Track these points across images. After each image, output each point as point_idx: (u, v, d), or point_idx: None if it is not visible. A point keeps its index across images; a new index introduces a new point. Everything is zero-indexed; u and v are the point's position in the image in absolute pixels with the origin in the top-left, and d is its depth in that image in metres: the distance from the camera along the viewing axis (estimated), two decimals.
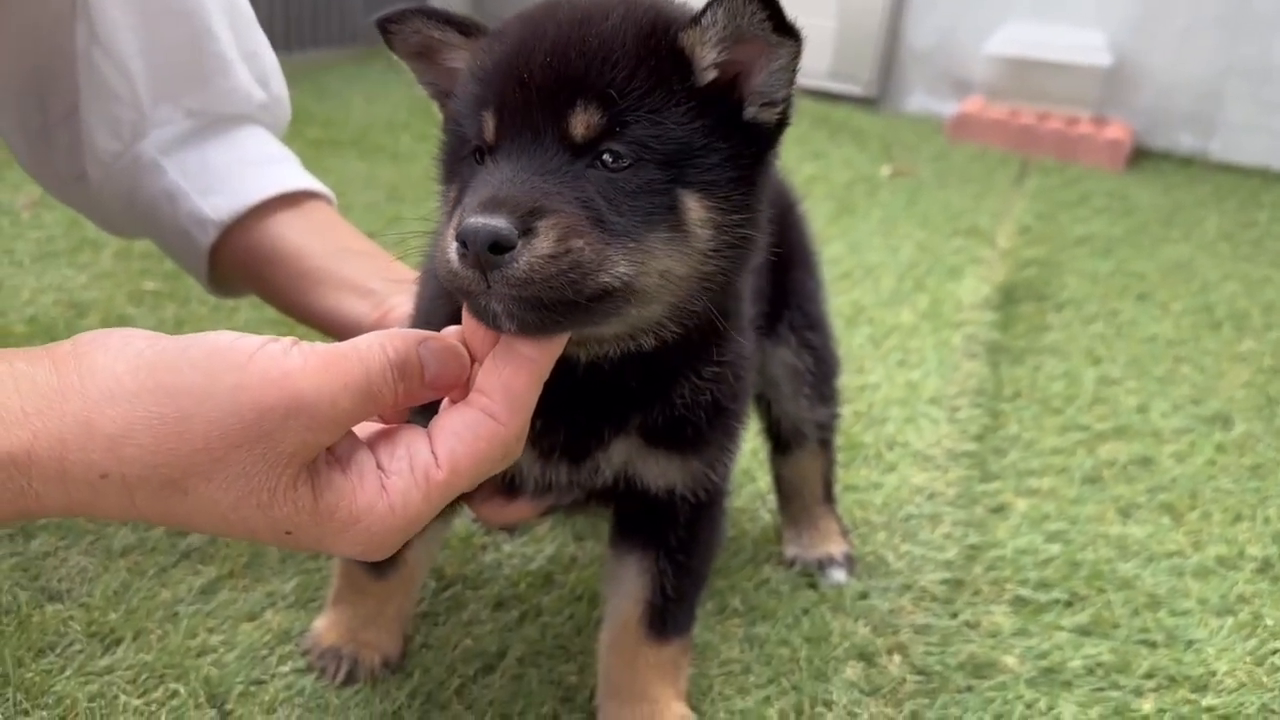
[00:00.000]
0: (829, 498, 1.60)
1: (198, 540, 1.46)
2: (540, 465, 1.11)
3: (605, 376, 1.03)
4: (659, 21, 0.93)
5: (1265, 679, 1.43)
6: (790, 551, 1.59)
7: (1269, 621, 1.56)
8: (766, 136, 0.98)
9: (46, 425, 0.75)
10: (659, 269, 0.90)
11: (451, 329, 0.91)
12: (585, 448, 1.09)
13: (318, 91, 4.22)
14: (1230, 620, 1.55)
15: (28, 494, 0.76)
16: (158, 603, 1.34)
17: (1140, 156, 4.43)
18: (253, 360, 0.77)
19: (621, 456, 1.11)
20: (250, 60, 1.49)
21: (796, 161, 3.89)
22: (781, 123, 0.99)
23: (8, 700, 1.15)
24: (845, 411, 2.03)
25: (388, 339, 0.84)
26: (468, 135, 0.95)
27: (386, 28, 1.02)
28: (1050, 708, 1.34)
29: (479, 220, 0.82)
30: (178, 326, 2.02)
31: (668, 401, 1.07)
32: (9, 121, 1.48)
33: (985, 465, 1.92)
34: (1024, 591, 1.57)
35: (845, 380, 2.15)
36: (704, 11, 0.91)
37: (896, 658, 1.39)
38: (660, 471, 1.13)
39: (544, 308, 0.84)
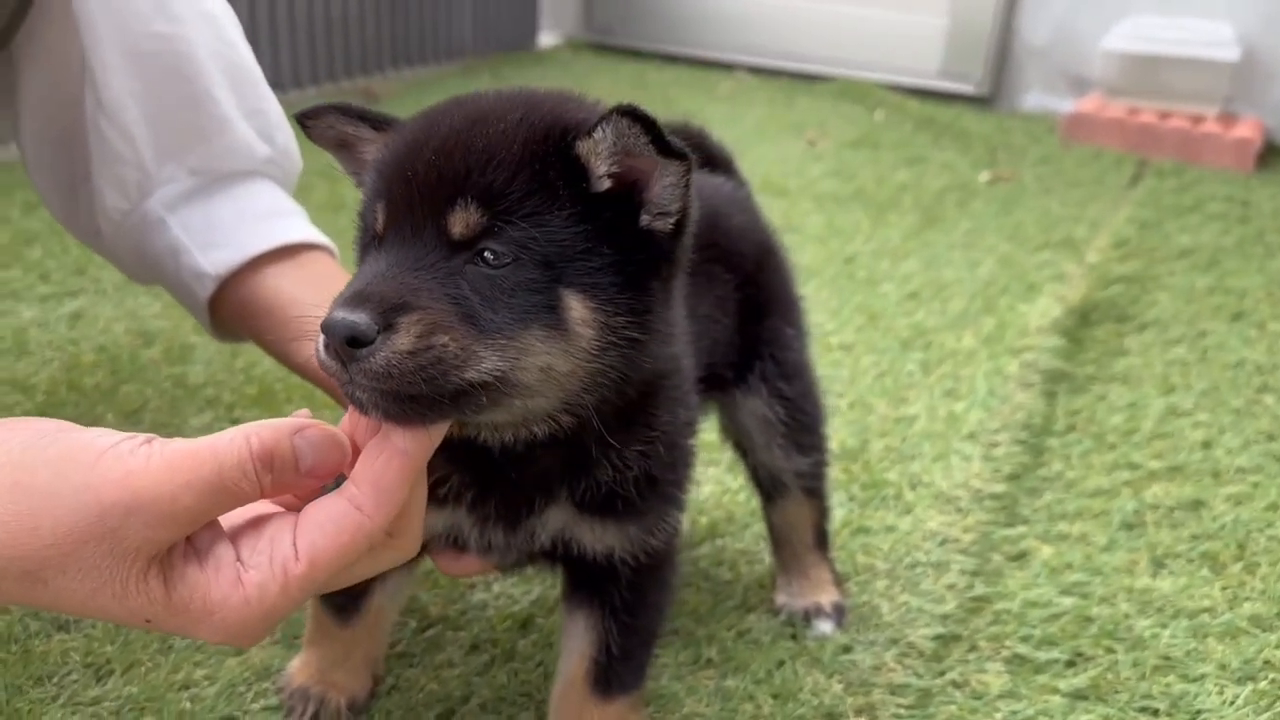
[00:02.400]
0: (821, 545, 1.58)
1: None
2: (478, 530, 1.14)
3: (520, 458, 1.05)
4: (555, 127, 0.95)
5: None
6: (780, 599, 1.57)
7: None
8: (662, 244, 0.99)
9: None
10: (538, 365, 0.92)
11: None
12: (516, 515, 1.12)
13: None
14: (1249, 689, 1.46)
15: None
16: (153, 637, 1.42)
17: (1271, 156, 4.15)
18: (100, 460, 0.82)
19: (557, 523, 1.13)
20: (253, 117, 1.56)
21: (890, 169, 3.80)
22: (678, 232, 0.99)
23: None
24: (876, 446, 2.00)
25: (254, 430, 0.87)
26: (368, 224, 0.99)
27: (304, 123, 1.07)
28: None
29: (339, 314, 0.85)
30: (233, 357, 2.14)
31: (592, 477, 1.09)
32: (46, 181, 1.60)
33: (1014, 508, 1.85)
34: (1023, 649, 1.51)
35: (884, 412, 2.13)
36: (595, 126, 0.92)
37: (863, 719, 1.36)
38: (596, 537, 1.14)
39: (406, 399, 0.87)
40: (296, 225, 1.56)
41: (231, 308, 1.51)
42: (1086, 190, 3.69)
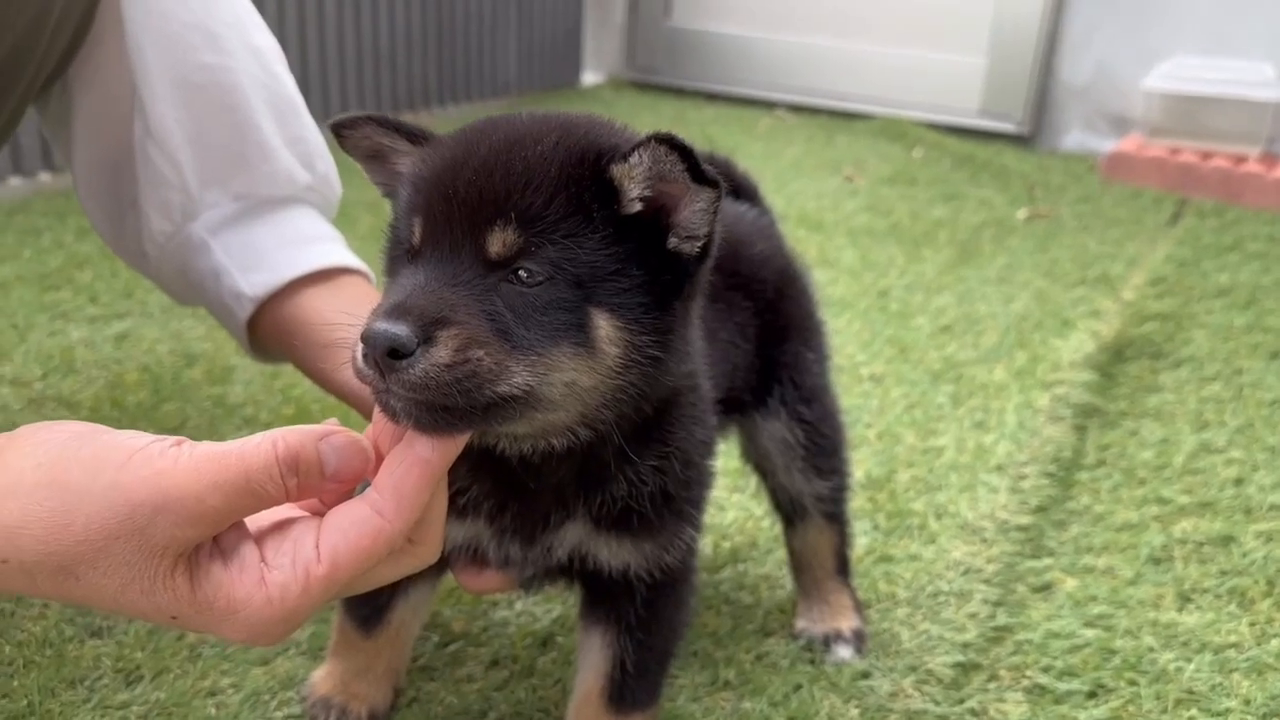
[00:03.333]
0: (842, 571, 1.59)
1: None
2: (496, 542, 1.17)
3: (538, 470, 1.08)
4: (589, 151, 0.99)
5: None
6: (800, 624, 1.58)
7: None
8: (687, 266, 1.02)
9: None
10: (564, 380, 0.96)
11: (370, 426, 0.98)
12: (533, 529, 1.15)
13: None
14: None
15: None
16: (183, 644, 1.46)
17: None
18: (131, 460, 0.86)
19: (574, 538, 1.16)
20: (295, 145, 1.62)
21: (926, 205, 3.81)
22: (703, 255, 1.03)
23: None
24: (903, 476, 2.01)
25: (281, 435, 0.91)
26: (401, 236, 1.02)
27: (340, 132, 1.11)
28: None
29: (381, 326, 0.89)
30: (272, 379, 2.19)
31: (607, 492, 1.11)
32: (95, 205, 1.67)
33: (1040, 540, 1.84)
34: (1044, 679, 1.51)
35: (912, 442, 2.13)
36: (632, 151, 0.96)
37: None
38: (612, 553, 1.17)
39: (439, 410, 0.90)
40: (334, 250, 1.61)
41: (269, 329, 1.56)
42: (1125, 229, 3.67)
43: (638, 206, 0.98)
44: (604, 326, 0.96)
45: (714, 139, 4.46)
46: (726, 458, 1.74)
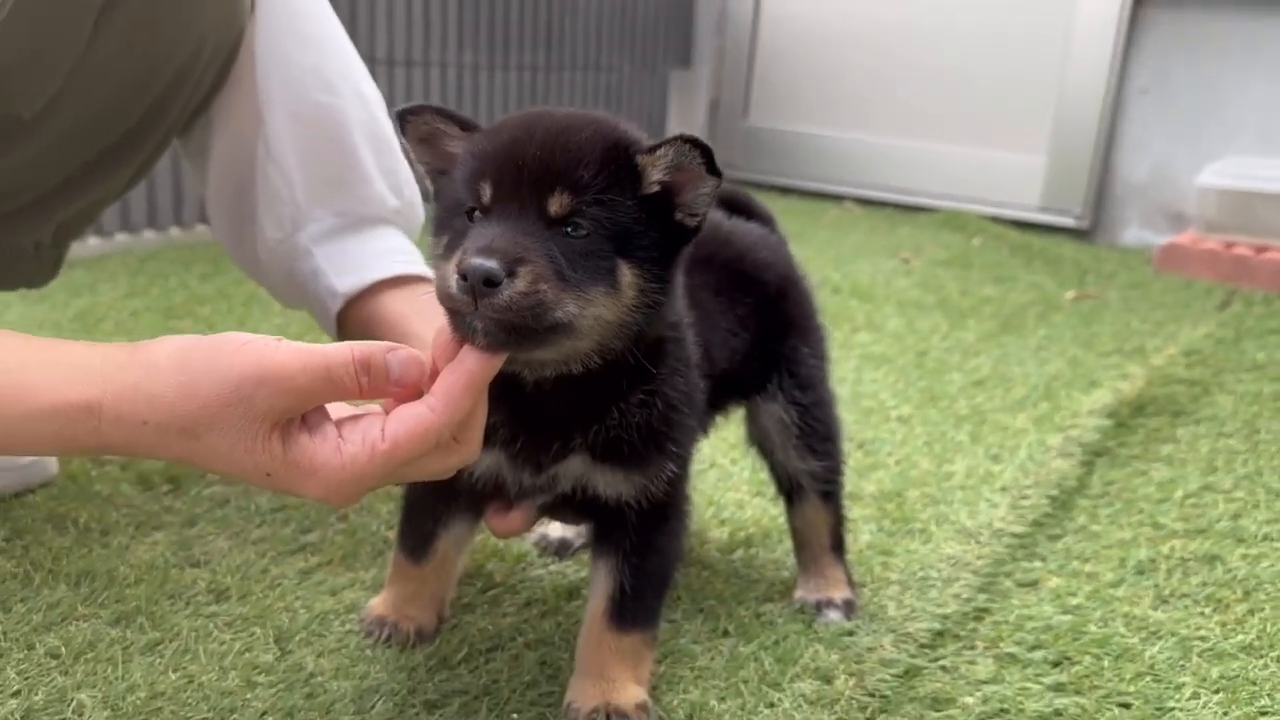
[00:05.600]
0: (837, 548, 1.79)
1: (314, 537, 1.87)
2: (512, 472, 1.42)
3: (548, 399, 1.34)
4: (620, 142, 1.28)
5: None
6: (797, 594, 1.78)
7: (1264, 702, 1.58)
8: (685, 236, 1.31)
9: (112, 384, 1.14)
10: (594, 313, 1.23)
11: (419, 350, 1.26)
12: (540, 459, 1.40)
13: None
14: (1223, 695, 1.59)
15: (99, 433, 1.14)
16: (268, 576, 1.73)
17: None
18: (241, 347, 1.13)
19: (577, 470, 1.41)
20: (388, 175, 1.94)
21: (977, 284, 4.02)
22: (697, 229, 1.32)
23: (138, 624, 1.57)
24: (913, 493, 2.20)
25: (358, 345, 1.18)
26: (462, 199, 1.30)
27: (405, 117, 1.40)
28: None
29: (479, 261, 1.15)
30: None
31: (603, 423, 1.36)
32: (222, 222, 2.00)
33: (1032, 547, 2.01)
34: (1014, 650, 1.67)
35: (926, 468, 2.33)
36: (659, 146, 1.26)
37: (851, 680, 1.55)
38: (608, 483, 1.41)
39: (511, 330, 1.17)
40: (412, 262, 1.91)
41: (355, 323, 1.86)
42: (1170, 311, 3.82)
43: (656, 188, 1.27)
44: (627, 274, 1.24)
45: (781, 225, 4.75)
46: (749, 469, 1.98)
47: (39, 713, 1.38)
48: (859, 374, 2.96)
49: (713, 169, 1.25)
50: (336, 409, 1.23)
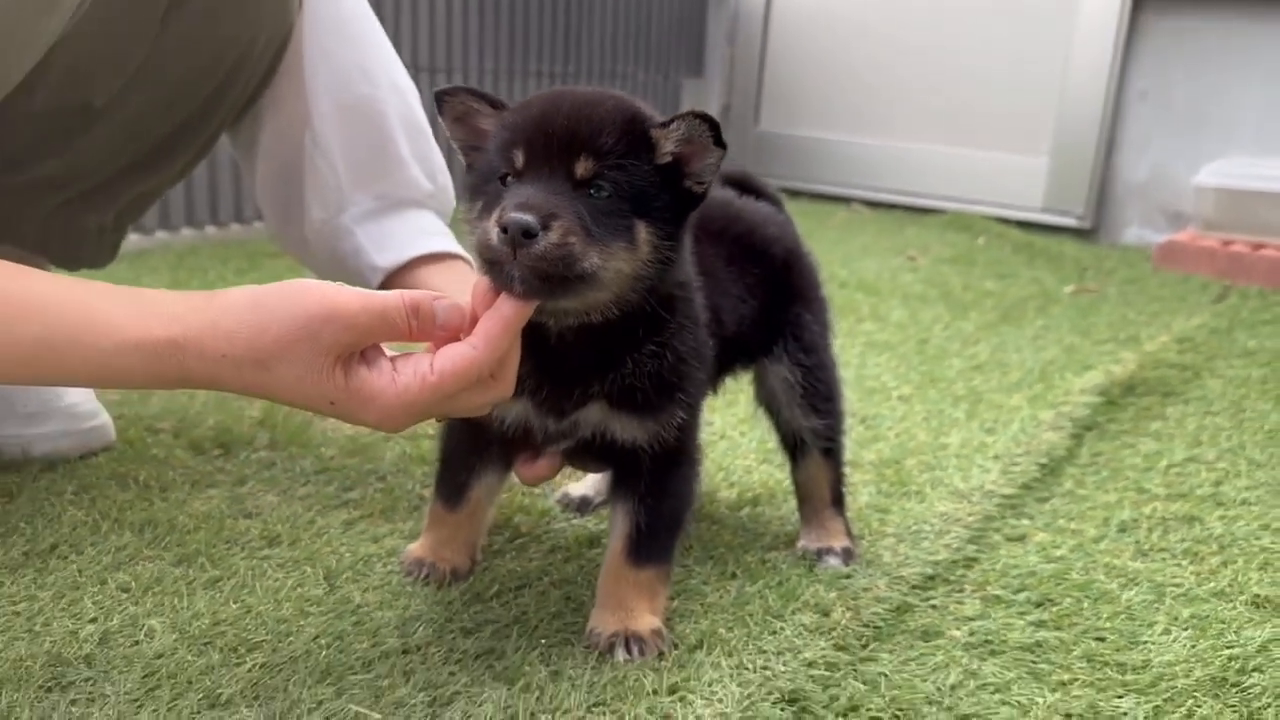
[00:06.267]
0: (837, 503, 1.93)
1: (356, 494, 2.02)
2: (538, 418, 1.57)
3: (570, 350, 1.50)
4: (637, 115, 1.45)
5: (1197, 671, 1.60)
6: (800, 544, 1.92)
7: (1230, 638, 1.71)
8: (693, 201, 1.47)
9: (192, 323, 1.29)
10: (615, 266, 1.38)
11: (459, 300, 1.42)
12: (562, 406, 1.55)
13: None
14: (1191, 632, 1.72)
15: (184, 366, 1.30)
16: (315, 526, 1.89)
17: None
18: (308, 289, 1.30)
19: (596, 416, 1.56)
20: (422, 162, 2.11)
21: (979, 279, 4.17)
22: (704, 195, 1.47)
23: (198, 564, 1.73)
24: (910, 461, 2.35)
25: (408, 292, 1.34)
26: (496, 166, 1.46)
27: (442, 98, 1.55)
28: (972, 666, 1.60)
29: (518, 215, 1.31)
30: None
31: (619, 372, 1.52)
32: (270, 205, 2.17)
33: (1021, 507, 2.15)
34: (1000, 592, 1.81)
35: (924, 439, 2.47)
36: (672, 120, 1.41)
37: (848, 614, 1.69)
38: (624, 428, 1.56)
39: (544, 278, 1.33)
40: (446, 241, 2.07)
41: None
42: (1166, 304, 3.96)
43: (669, 158, 1.42)
44: (643, 232, 1.40)
45: None
46: (756, 440, 2.12)
47: (115, 634, 1.54)
48: (863, 359, 3.10)
49: (719, 141, 1.40)
50: (388, 350, 1.39)
